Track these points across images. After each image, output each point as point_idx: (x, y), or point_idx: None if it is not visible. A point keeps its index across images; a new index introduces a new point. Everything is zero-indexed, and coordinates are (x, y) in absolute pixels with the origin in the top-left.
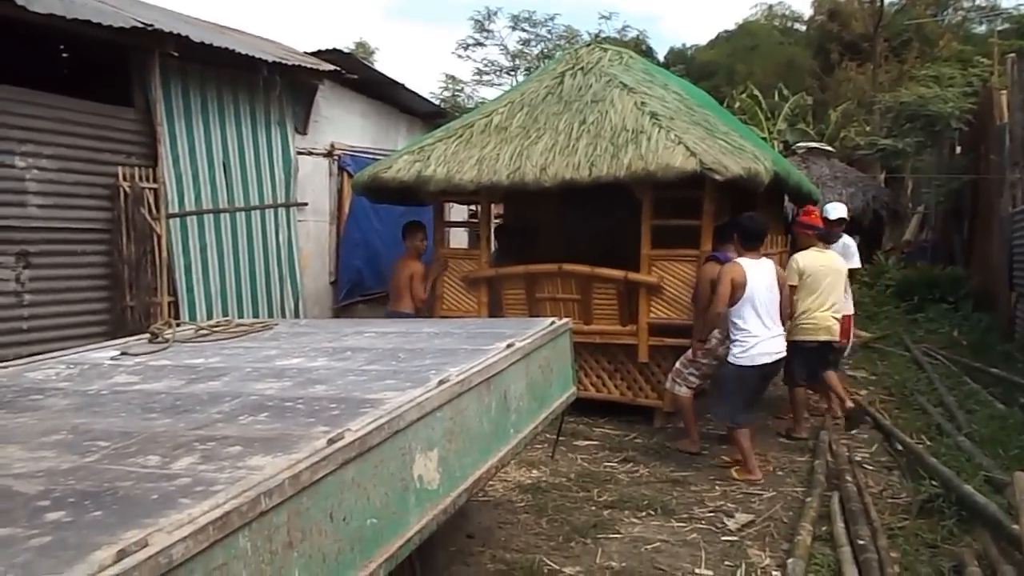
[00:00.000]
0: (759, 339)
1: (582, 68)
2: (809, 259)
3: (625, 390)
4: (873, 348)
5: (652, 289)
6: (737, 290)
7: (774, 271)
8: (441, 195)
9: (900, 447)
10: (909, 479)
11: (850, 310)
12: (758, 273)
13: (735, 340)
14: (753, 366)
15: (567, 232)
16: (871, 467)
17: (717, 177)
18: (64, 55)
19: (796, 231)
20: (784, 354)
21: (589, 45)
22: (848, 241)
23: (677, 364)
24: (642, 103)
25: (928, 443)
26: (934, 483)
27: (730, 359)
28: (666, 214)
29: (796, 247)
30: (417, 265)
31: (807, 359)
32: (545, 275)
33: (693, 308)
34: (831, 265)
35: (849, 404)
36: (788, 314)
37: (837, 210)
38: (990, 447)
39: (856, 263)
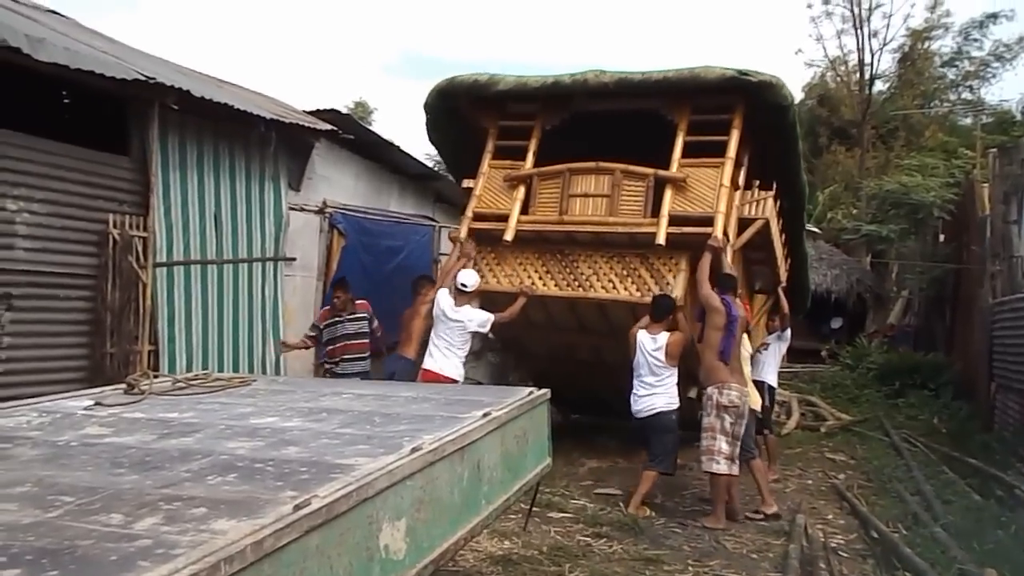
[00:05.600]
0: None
1: None
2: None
3: (634, 291)
4: (853, 431)
5: (677, 187)
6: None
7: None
8: (500, 116)
9: (876, 535)
10: (883, 569)
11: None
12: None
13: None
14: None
15: None
16: (846, 554)
17: (751, 79)
18: (67, 101)
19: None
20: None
21: None
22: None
23: (704, 443)
24: None
25: (904, 532)
26: (908, 575)
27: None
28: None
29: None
30: (419, 310)
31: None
32: (581, 172)
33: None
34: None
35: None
36: None
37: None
38: (965, 539)
39: None
